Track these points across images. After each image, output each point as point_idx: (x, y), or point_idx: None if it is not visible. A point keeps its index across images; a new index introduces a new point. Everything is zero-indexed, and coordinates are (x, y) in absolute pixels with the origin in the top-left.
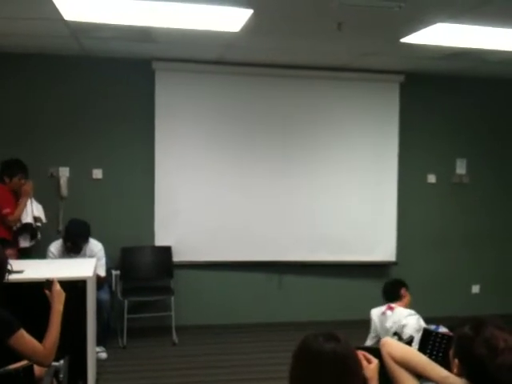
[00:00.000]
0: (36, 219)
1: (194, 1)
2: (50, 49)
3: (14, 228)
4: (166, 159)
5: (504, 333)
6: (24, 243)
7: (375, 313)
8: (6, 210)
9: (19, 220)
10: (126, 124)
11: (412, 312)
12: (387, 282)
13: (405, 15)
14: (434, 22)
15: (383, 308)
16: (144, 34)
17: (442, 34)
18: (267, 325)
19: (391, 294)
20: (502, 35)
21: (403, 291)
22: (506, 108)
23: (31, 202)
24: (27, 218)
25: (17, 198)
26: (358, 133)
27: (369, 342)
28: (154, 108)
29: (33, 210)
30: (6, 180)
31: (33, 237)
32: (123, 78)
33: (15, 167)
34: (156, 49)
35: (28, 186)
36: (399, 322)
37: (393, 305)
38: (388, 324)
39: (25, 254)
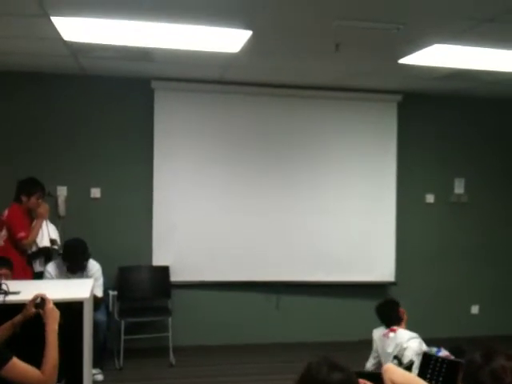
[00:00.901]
0: (52, 242)
1: (194, 22)
2: (49, 67)
3: (29, 251)
4: (164, 178)
5: None
6: (39, 267)
7: (377, 333)
8: (21, 234)
9: (34, 243)
10: (125, 143)
11: (414, 335)
12: (381, 306)
13: (402, 37)
14: (431, 44)
15: (385, 330)
16: (143, 55)
17: (439, 55)
18: (265, 345)
19: (391, 318)
20: (498, 56)
21: (401, 312)
22: (503, 127)
23: (47, 224)
24: (43, 241)
25: (31, 219)
26: (356, 152)
27: (371, 362)
28: (152, 127)
29: (49, 233)
30: (24, 199)
31: (48, 260)
32: (122, 97)
33: (34, 186)
34: (155, 68)
35: (44, 208)
36: (401, 344)
37: (395, 327)
38: (390, 347)
39: (38, 278)
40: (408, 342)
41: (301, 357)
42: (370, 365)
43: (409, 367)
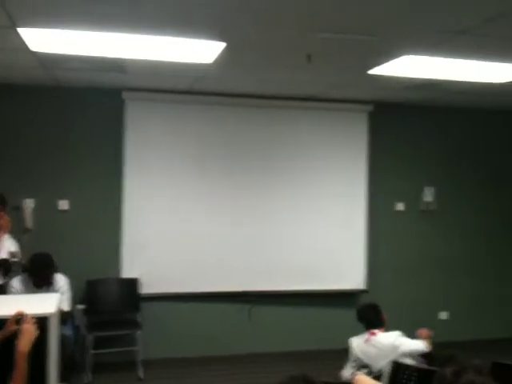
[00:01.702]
0: (12, 254)
1: (167, 33)
2: (17, 78)
3: None
4: (134, 189)
5: (483, 378)
6: None
7: (356, 341)
8: None
9: None
10: (95, 154)
11: (398, 332)
12: (365, 309)
13: (373, 48)
14: (401, 55)
15: (365, 335)
16: (116, 66)
17: (409, 66)
18: (238, 356)
19: (372, 321)
20: (467, 67)
21: (384, 318)
22: (472, 137)
23: (9, 238)
24: (1, 254)
25: None
26: (327, 161)
27: (348, 371)
28: (123, 138)
29: (9, 246)
30: None
31: (7, 272)
32: (92, 108)
33: None
34: (126, 79)
35: (5, 220)
36: (392, 345)
37: (375, 330)
38: (374, 350)
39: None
40: (396, 340)
41: (274, 367)
42: (347, 374)
43: (378, 377)
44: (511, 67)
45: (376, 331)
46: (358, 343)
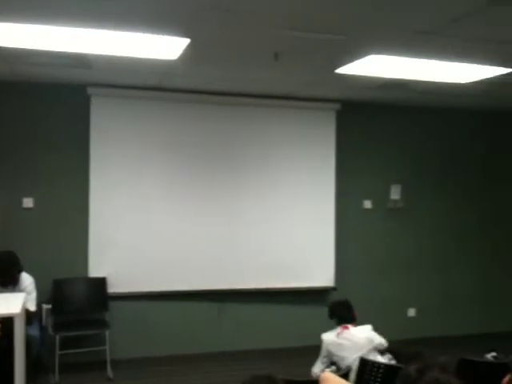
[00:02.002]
0: None
1: (131, 29)
2: None
3: None
4: (101, 187)
5: (448, 375)
6: None
7: (328, 336)
8: None
9: None
10: (60, 151)
11: (369, 326)
12: (336, 305)
13: (340, 47)
14: (368, 54)
15: (337, 330)
16: (80, 61)
17: (375, 66)
18: (208, 355)
19: (346, 317)
20: (431, 67)
21: (355, 314)
22: (438, 135)
23: None
24: None
25: None
26: (296, 160)
27: (319, 367)
28: (88, 134)
29: None
30: None
31: None
32: (57, 104)
33: None
34: (92, 74)
35: None
36: (366, 337)
37: (347, 325)
38: (347, 343)
39: None
40: (370, 333)
41: (244, 365)
42: (317, 370)
43: (345, 374)
44: (475, 67)
45: (349, 326)
46: (329, 338)
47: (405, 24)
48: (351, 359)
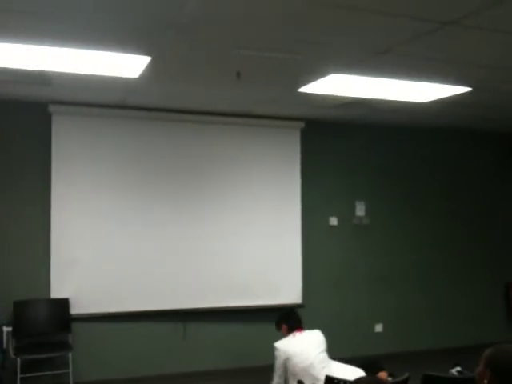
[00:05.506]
0: None
1: (92, 47)
2: None
3: None
4: (63, 206)
5: None
6: None
7: (282, 343)
8: None
9: None
10: (20, 169)
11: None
12: (285, 315)
13: (300, 66)
14: (328, 73)
15: (291, 335)
16: (40, 78)
17: (336, 85)
18: (172, 376)
19: (298, 322)
20: (392, 86)
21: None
22: (400, 153)
23: None
24: None
25: None
26: (262, 177)
27: (276, 381)
28: (50, 153)
29: None
30: None
31: None
32: (16, 122)
33: None
34: (53, 91)
35: None
36: (321, 336)
37: (300, 328)
38: (305, 340)
39: None
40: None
41: None
42: None
43: None
44: (434, 86)
45: (300, 329)
46: (284, 342)
47: (360, 44)
48: (313, 354)
